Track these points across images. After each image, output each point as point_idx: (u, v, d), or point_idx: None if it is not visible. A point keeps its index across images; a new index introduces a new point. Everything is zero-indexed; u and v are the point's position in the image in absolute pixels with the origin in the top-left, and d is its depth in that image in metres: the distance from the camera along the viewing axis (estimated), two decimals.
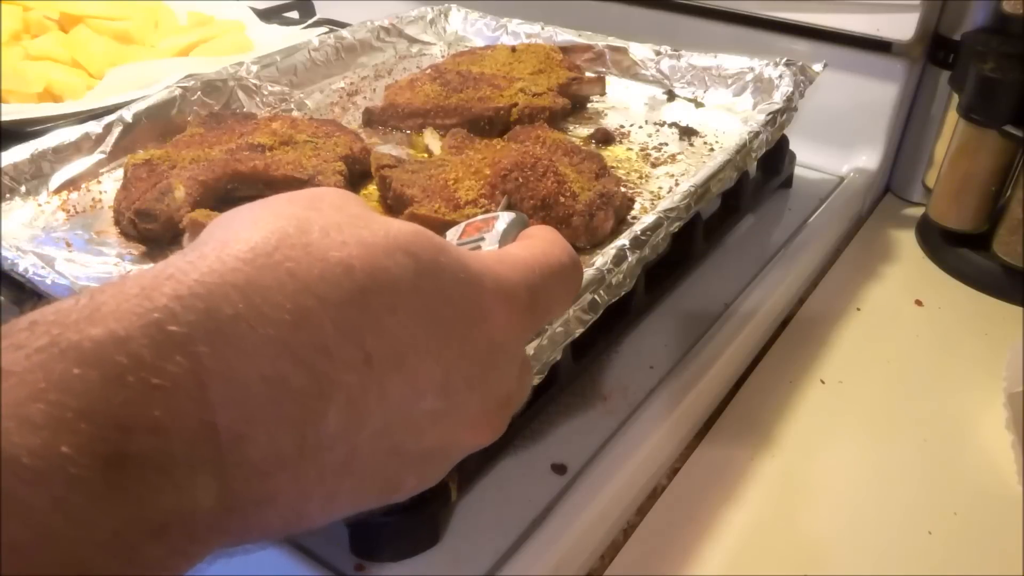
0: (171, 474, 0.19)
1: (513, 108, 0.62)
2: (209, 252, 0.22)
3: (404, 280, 0.24)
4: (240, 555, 0.22)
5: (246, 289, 0.21)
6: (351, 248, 0.23)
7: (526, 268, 0.29)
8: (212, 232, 0.24)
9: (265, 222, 0.23)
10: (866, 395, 0.51)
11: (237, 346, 0.20)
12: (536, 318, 0.29)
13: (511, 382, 0.29)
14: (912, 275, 0.64)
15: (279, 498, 0.22)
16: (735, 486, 0.44)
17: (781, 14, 0.71)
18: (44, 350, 0.19)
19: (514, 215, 0.35)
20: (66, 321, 0.19)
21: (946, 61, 0.68)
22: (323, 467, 0.23)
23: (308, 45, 0.73)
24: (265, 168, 0.54)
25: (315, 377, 0.22)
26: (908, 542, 0.42)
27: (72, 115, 0.66)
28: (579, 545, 0.39)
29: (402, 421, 0.25)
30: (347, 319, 0.22)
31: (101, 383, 0.18)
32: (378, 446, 0.24)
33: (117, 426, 0.18)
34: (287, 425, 0.21)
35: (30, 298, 0.45)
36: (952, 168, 0.63)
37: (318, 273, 0.22)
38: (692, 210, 0.49)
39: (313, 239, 0.23)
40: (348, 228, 0.24)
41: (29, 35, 0.81)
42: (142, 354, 0.19)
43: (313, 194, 0.26)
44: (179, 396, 0.19)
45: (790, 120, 0.60)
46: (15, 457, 0.17)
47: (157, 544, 0.19)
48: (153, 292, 0.20)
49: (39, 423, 0.17)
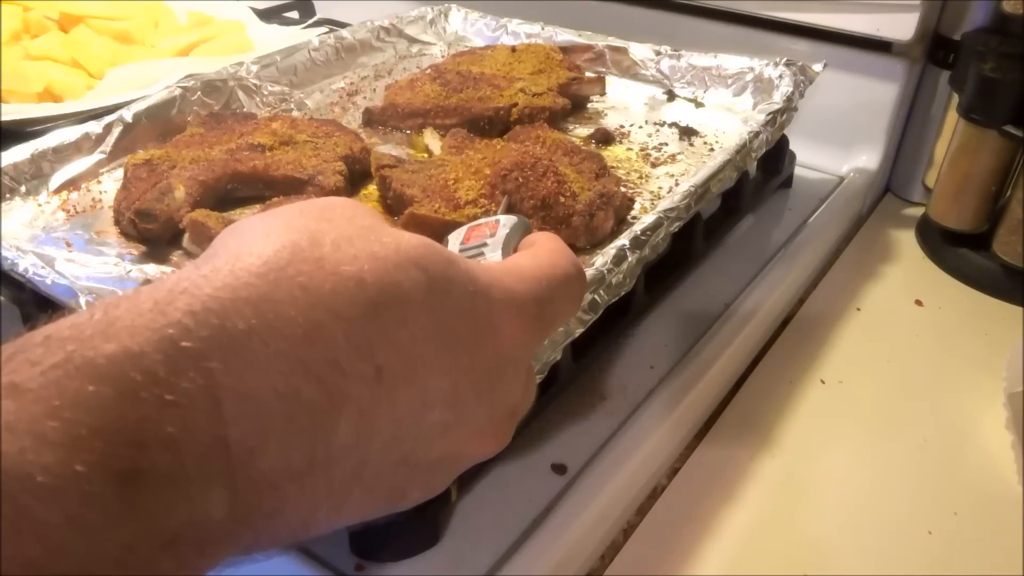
0: (183, 489, 0.19)
1: (513, 108, 0.62)
2: (222, 266, 0.22)
3: (415, 294, 0.24)
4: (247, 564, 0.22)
5: (259, 304, 0.21)
6: (363, 262, 0.23)
7: (534, 280, 0.29)
8: (224, 242, 0.24)
9: (277, 234, 0.24)
10: (866, 395, 0.51)
11: (250, 361, 0.21)
12: (543, 329, 0.30)
13: (517, 392, 0.29)
14: (912, 275, 0.64)
15: (288, 509, 0.22)
16: (735, 486, 0.44)
17: (781, 14, 0.71)
18: (59, 367, 0.19)
19: (516, 219, 0.35)
20: (81, 336, 0.19)
21: (946, 61, 0.68)
22: (332, 478, 0.23)
23: (308, 45, 0.73)
24: (265, 168, 0.54)
25: (327, 391, 0.22)
26: (908, 542, 0.42)
27: (72, 115, 0.66)
28: (579, 545, 0.39)
29: (411, 433, 0.25)
30: (359, 333, 0.23)
31: (115, 400, 0.18)
32: (387, 457, 0.24)
33: (131, 443, 0.18)
34: (299, 438, 0.22)
35: (30, 298, 0.45)
36: (952, 168, 0.63)
37: (330, 287, 0.22)
38: (692, 210, 0.49)
39: (325, 252, 0.23)
40: (360, 241, 0.24)
41: (29, 35, 0.81)
42: (156, 370, 0.19)
43: (324, 204, 0.26)
44: (193, 412, 0.19)
45: (790, 120, 0.60)
46: (30, 475, 0.17)
47: (168, 557, 0.19)
48: (167, 307, 0.20)
49: (54, 441, 0.17)
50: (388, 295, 0.23)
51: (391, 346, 0.23)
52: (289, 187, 0.53)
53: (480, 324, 0.26)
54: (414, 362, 0.24)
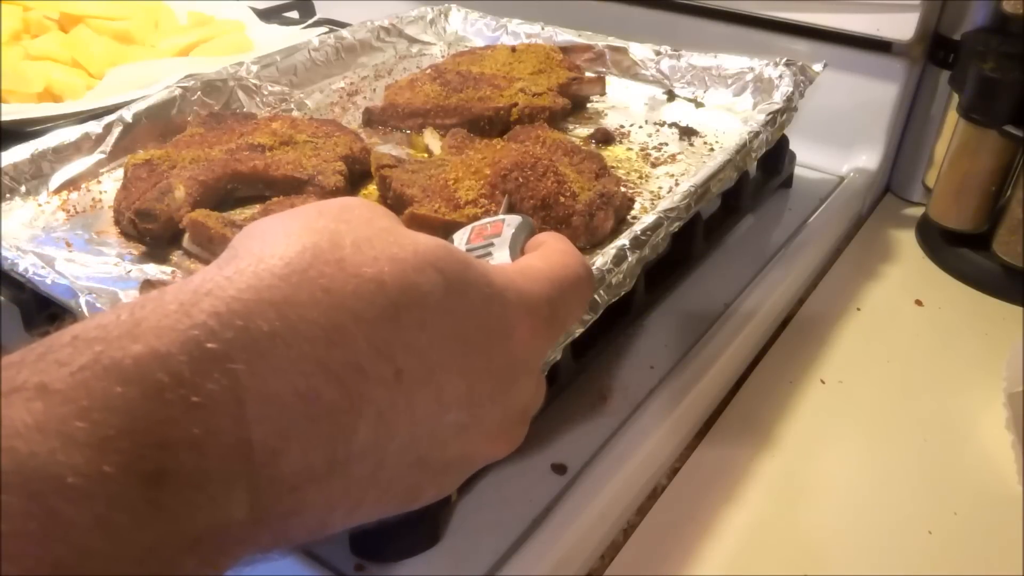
0: (207, 490, 0.19)
1: (513, 108, 0.62)
2: (246, 267, 0.22)
3: (434, 296, 0.24)
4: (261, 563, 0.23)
5: (282, 306, 0.22)
6: (383, 264, 0.24)
7: (546, 281, 0.29)
8: (245, 244, 0.25)
9: (298, 236, 0.24)
10: (866, 395, 0.51)
11: (273, 363, 0.21)
12: (555, 331, 0.30)
13: (530, 393, 0.29)
14: (912, 275, 0.64)
15: (307, 510, 0.22)
16: (735, 486, 0.44)
17: (781, 14, 0.71)
18: (88, 367, 0.19)
19: (521, 219, 0.35)
20: (108, 337, 0.20)
21: (946, 61, 0.68)
22: (350, 479, 0.23)
23: (308, 45, 0.73)
24: (265, 168, 0.54)
25: (348, 393, 0.22)
26: (908, 542, 0.42)
27: (72, 115, 0.66)
28: (579, 545, 0.39)
29: (427, 434, 0.25)
30: (380, 335, 0.23)
31: (142, 401, 0.19)
32: (403, 458, 0.25)
33: (158, 444, 0.19)
34: (319, 439, 0.22)
35: (30, 298, 0.45)
36: (952, 168, 0.63)
37: (352, 289, 0.23)
38: (692, 210, 0.49)
39: (346, 254, 0.23)
40: (379, 243, 0.24)
41: (29, 35, 0.81)
42: (182, 372, 0.19)
43: (343, 205, 0.26)
44: (217, 413, 0.20)
45: (790, 120, 0.60)
46: (60, 476, 0.17)
47: (189, 558, 0.19)
48: (192, 308, 0.21)
49: (83, 442, 0.18)
50: (408, 297, 0.24)
51: (410, 348, 0.24)
52: (289, 187, 0.53)
53: (495, 326, 0.26)
54: (432, 364, 0.24)
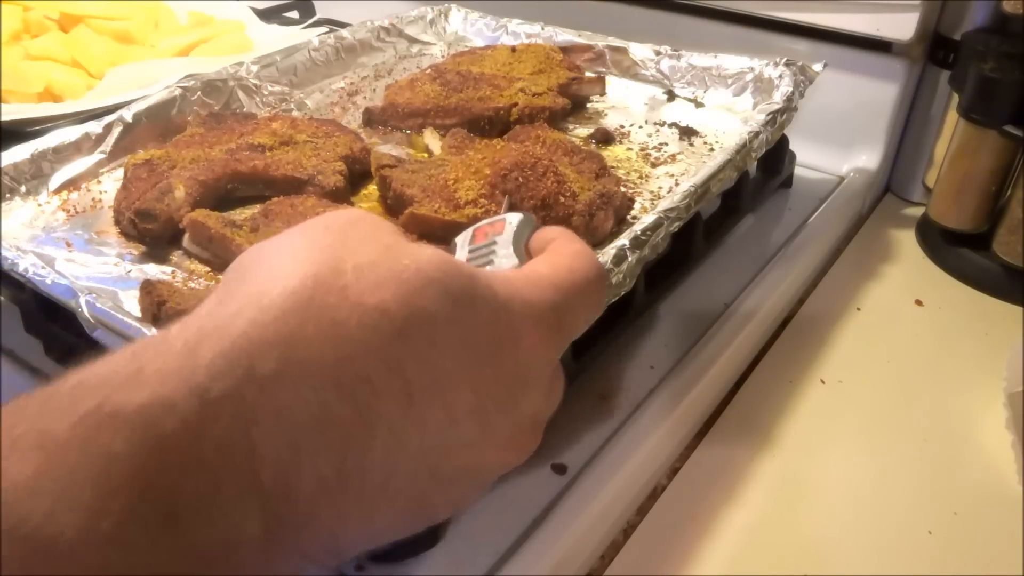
0: (217, 524, 0.20)
1: (513, 108, 0.62)
2: (249, 303, 0.22)
3: (440, 314, 0.24)
4: None
5: (289, 341, 0.22)
6: (386, 290, 0.24)
7: (552, 287, 0.29)
8: (249, 268, 0.25)
9: (300, 262, 0.24)
10: (866, 395, 0.51)
11: (282, 398, 0.21)
12: (563, 337, 0.30)
13: (540, 401, 0.29)
14: (912, 275, 0.64)
15: (318, 523, 0.22)
16: (735, 486, 0.44)
17: (781, 14, 0.71)
18: (91, 415, 0.19)
19: (522, 215, 0.35)
20: (111, 383, 0.20)
21: (946, 61, 0.68)
22: (361, 491, 0.23)
23: (308, 45, 0.73)
24: (265, 168, 0.54)
25: (359, 408, 0.22)
26: (908, 542, 0.42)
27: (72, 115, 0.66)
28: (579, 545, 0.39)
29: (437, 445, 0.25)
30: (389, 357, 0.23)
31: (148, 451, 0.19)
32: (413, 471, 0.25)
33: (167, 489, 0.19)
34: (331, 454, 0.22)
35: (30, 298, 0.45)
36: (952, 168, 0.63)
37: (356, 320, 0.23)
38: (692, 210, 0.49)
39: (348, 281, 0.23)
40: (382, 265, 0.24)
41: (29, 35, 0.81)
42: (189, 418, 0.19)
43: (348, 220, 0.26)
44: (228, 454, 0.20)
45: (790, 120, 0.60)
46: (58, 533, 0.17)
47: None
48: (197, 349, 0.21)
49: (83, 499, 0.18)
50: (414, 319, 0.24)
51: (421, 364, 0.24)
52: (289, 187, 0.53)
53: (502, 337, 0.26)
54: (441, 377, 0.24)
